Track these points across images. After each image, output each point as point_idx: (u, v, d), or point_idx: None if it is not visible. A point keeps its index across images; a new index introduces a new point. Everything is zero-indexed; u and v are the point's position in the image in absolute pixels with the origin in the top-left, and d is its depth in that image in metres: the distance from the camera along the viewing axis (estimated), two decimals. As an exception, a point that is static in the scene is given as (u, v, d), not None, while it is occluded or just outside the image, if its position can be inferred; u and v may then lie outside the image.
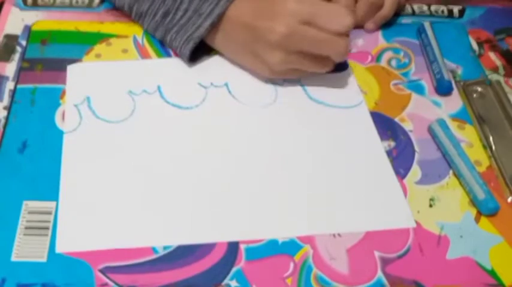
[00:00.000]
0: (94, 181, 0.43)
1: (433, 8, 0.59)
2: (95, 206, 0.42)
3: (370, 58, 0.54)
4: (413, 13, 0.59)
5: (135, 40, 0.53)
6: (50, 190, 0.43)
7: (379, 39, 0.56)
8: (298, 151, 0.46)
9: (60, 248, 0.40)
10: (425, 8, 0.59)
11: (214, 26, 0.49)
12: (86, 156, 0.45)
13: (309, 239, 0.41)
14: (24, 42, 0.52)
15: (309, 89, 0.50)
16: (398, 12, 0.57)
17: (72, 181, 0.43)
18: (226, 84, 0.50)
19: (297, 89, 0.50)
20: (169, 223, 0.42)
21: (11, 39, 0.53)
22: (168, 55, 0.52)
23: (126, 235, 0.41)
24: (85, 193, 0.43)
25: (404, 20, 0.58)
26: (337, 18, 0.46)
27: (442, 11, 0.59)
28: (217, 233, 0.41)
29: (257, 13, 0.47)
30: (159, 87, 0.50)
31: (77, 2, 0.56)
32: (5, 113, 0.47)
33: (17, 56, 0.51)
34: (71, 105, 0.48)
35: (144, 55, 0.52)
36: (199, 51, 0.51)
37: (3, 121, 0.47)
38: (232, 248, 0.40)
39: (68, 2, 0.56)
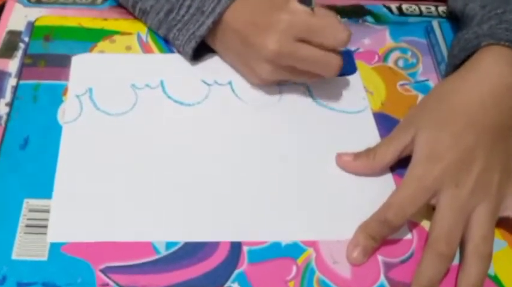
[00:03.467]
0: (90, 172, 0.43)
1: (440, 8, 0.59)
2: (89, 198, 0.42)
3: (377, 58, 0.53)
4: (421, 14, 0.58)
5: (139, 37, 0.53)
6: (51, 188, 0.42)
7: (387, 39, 0.55)
8: (300, 154, 0.46)
9: (50, 238, 0.40)
10: (432, 8, 0.59)
11: (214, 27, 0.48)
12: (84, 147, 0.45)
13: (312, 243, 0.41)
14: (27, 39, 0.52)
15: (314, 91, 0.50)
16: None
17: (68, 172, 0.43)
18: (230, 83, 0.50)
19: (302, 91, 0.50)
20: (167, 219, 0.41)
21: (14, 36, 0.52)
22: (172, 53, 0.52)
23: (121, 228, 0.41)
24: (80, 184, 0.43)
25: (412, 20, 0.57)
26: (333, 33, 0.44)
27: (450, 12, 0.58)
28: (217, 232, 0.41)
29: (252, 22, 0.46)
30: (162, 82, 0.49)
31: (80, -1, 0.56)
32: (7, 109, 0.47)
33: (19, 53, 0.51)
34: (73, 95, 0.48)
35: (147, 52, 0.52)
36: (203, 50, 0.50)
37: (5, 117, 0.46)
38: (235, 250, 0.40)
39: (72, -1, 0.56)
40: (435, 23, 0.56)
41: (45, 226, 0.40)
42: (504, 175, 0.41)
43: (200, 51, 0.50)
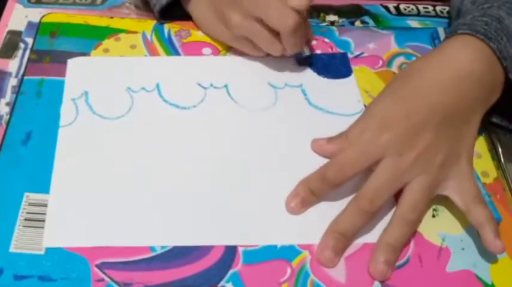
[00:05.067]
0: (86, 177, 0.43)
1: (438, 8, 0.58)
2: (85, 202, 0.42)
3: (381, 63, 0.53)
4: (419, 13, 0.58)
5: (144, 36, 0.53)
6: (51, 182, 0.43)
7: (392, 44, 0.55)
8: (295, 157, 0.45)
9: (47, 243, 0.40)
10: (430, 8, 0.58)
11: None
12: (80, 151, 0.45)
13: (307, 245, 0.41)
14: (27, 39, 0.52)
15: (310, 94, 0.50)
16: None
17: (64, 176, 0.43)
18: (226, 86, 0.50)
19: (297, 94, 0.50)
20: (162, 223, 0.41)
21: (14, 36, 0.52)
22: (176, 52, 0.52)
23: (116, 233, 0.41)
24: (76, 189, 0.43)
25: (411, 21, 0.57)
26: (279, 15, 0.46)
27: (448, 12, 0.57)
28: (213, 236, 0.41)
29: None
30: (158, 86, 0.49)
31: (80, -1, 0.56)
32: (7, 109, 0.47)
33: (20, 53, 0.51)
34: (69, 99, 0.48)
35: (152, 51, 0.52)
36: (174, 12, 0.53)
37: (5, 117, 0.46)
38: (230, 250, 0.40)
39: (72, -1, 0.56)
40: (441, 29, 0.56)
41: (44, 220, 0.41)
42: (449, 157, 0.42)
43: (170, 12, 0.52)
